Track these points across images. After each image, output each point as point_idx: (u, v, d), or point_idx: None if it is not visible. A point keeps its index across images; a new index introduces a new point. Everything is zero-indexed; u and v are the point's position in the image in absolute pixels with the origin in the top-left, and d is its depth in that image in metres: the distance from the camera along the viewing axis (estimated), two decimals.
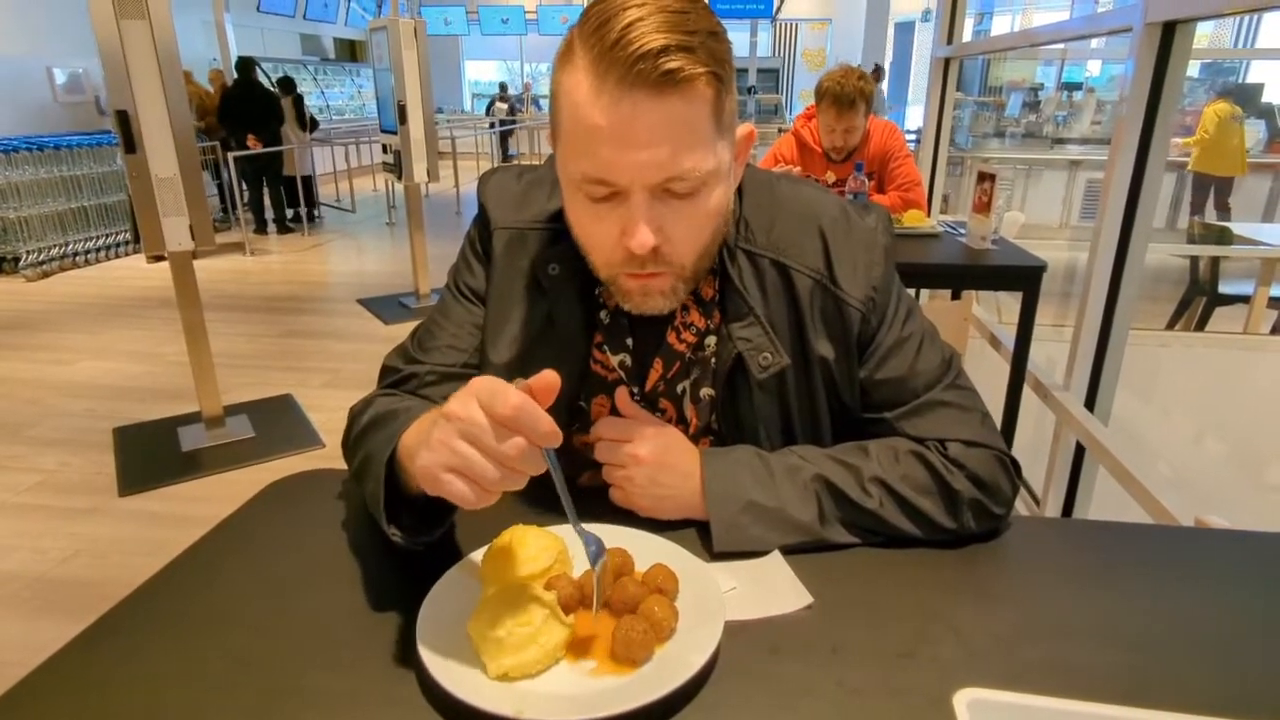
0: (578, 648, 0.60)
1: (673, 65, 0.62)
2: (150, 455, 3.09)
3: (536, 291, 0.84)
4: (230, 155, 6.79)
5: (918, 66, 12.93)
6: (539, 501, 0.81)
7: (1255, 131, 6.81)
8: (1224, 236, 3.75)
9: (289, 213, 7.67)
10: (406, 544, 0.66)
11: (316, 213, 8.21)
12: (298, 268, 6.45)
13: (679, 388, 0.84)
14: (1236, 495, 2.53)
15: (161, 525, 2.63)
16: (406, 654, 0.60)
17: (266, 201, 7.56)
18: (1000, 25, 9.05)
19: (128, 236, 6.62)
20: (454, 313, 0.88)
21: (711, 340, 0.82)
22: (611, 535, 0.71)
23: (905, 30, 12.62)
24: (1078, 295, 1.85)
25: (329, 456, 3.10)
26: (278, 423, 3.37)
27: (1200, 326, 3.78)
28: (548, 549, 0.64)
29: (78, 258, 6.27)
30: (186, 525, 2.69)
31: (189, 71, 7.83)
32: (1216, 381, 2.86)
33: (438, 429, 0.56)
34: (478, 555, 0.67)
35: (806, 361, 0.81)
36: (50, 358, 4.22)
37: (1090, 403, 1.88)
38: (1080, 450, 1.97)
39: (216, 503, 2.77)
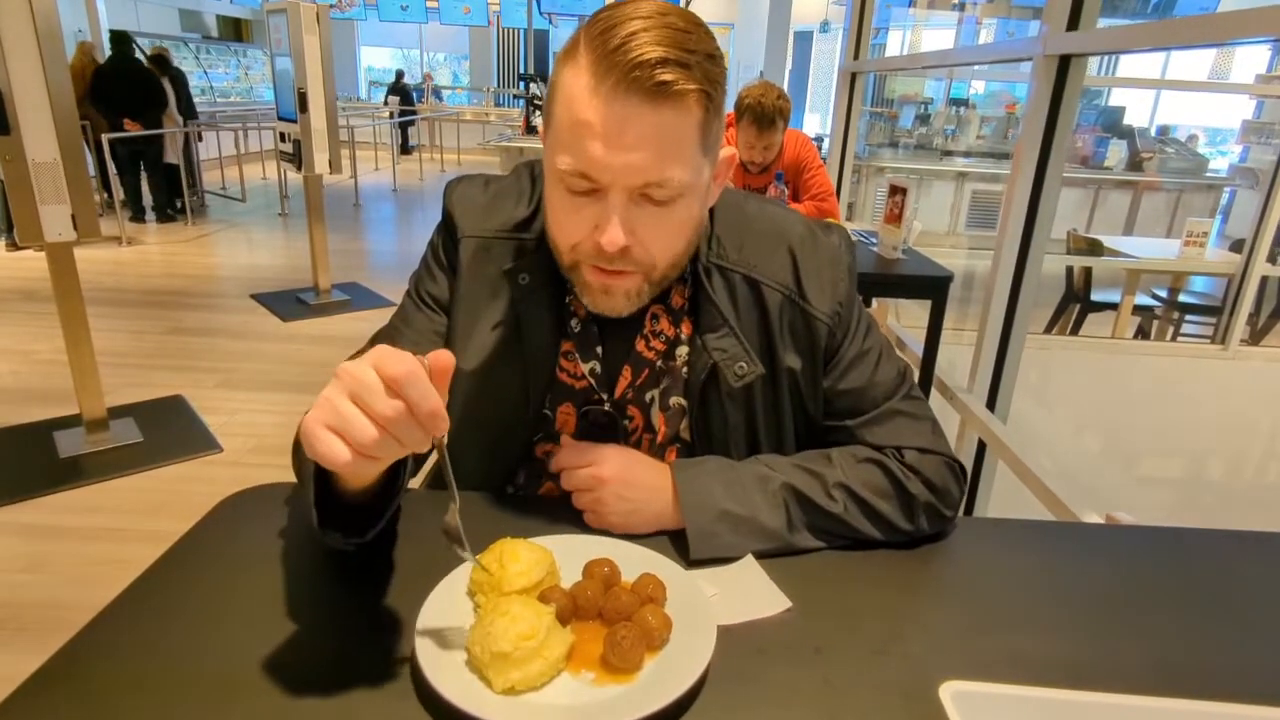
0: (573, 658, 0.60)
1: (667, 77, 0.64)
2: (21, 462, 2.83)
3: (504, 300, 0.83)
4: (105, 138, 6.28)
5: (815, 75, 13.41)
6: (526, 512, 0.81)
7: (1118, 151, 7.44)
8: (1095, 248, 4.08)
9: (175, 203, 7.16)
10: (343, 546, 0.67)
11: (199, 200, 7.70)
12: (182, 259, 6.04)
13: (647, 396, 0.85)
14: (1111, 487, 2.77)
15: (37, 538, 2.41)
16: (401, 672, 0.58)
17: (145, 188, 7.04)
18: (893, 40, 9.52)
19: None
20: (416, 321, 0.87)
21: (683, 350, 0.84)
22: (594, 546, 0.72)
23: (804, 39, 13.04)
24: (968, 300, 1.97)
25: (229, 462, 2.93)
26: (168, 426, 3.16)
27: (1075, 331, 4.10)
28: (539, 561, 0.64)
29: None
30: (67, 538, 2.53)
31: (89, 43, 7.17)
32: (1091, 382, 3.12)
33: (327, 387, 0.55)
34: (464, 569, 0.67)
35: (775, 372, 0.84)
36: None
37: (991, 403, 2.02)
38: (982, 449, 2.11)
39: (101, 513, 2.58)
